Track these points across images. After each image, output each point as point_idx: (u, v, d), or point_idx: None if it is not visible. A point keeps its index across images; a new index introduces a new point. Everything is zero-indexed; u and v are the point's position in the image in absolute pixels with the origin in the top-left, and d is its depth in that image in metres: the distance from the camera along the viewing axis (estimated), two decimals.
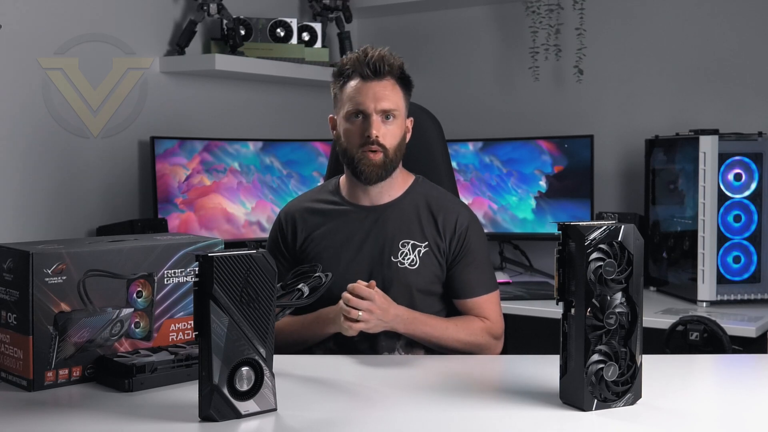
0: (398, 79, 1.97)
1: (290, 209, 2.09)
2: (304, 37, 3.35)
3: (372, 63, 1.93)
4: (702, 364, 1.85)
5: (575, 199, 3.18)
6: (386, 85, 1.94)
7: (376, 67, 1.93)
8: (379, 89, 1.93)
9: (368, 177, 1.95)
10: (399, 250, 1.97)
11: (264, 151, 3.19)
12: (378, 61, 1.93)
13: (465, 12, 3.61)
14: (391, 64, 1.95)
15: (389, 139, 1.94)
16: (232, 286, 1.31)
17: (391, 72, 1.95)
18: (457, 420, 1.34)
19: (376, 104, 1.92)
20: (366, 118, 1.93)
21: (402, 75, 1.98)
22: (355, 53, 1.97)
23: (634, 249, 1.36)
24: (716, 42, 3.11)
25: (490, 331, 1.96)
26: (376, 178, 1.96)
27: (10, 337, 1.50)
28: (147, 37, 3.00)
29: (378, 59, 1.93)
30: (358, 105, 1.93)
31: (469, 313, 1.98)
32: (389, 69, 1.95)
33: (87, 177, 2.84)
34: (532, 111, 3.47)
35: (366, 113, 1.93)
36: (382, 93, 1.93)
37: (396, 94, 1.96)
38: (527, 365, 1.67)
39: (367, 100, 1.93)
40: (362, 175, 1.96)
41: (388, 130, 1.94)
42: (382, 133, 1.93)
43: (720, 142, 2.67)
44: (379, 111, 1.93)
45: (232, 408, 1.31)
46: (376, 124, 1.92)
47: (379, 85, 1.94)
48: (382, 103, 1.93)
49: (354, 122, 1.95)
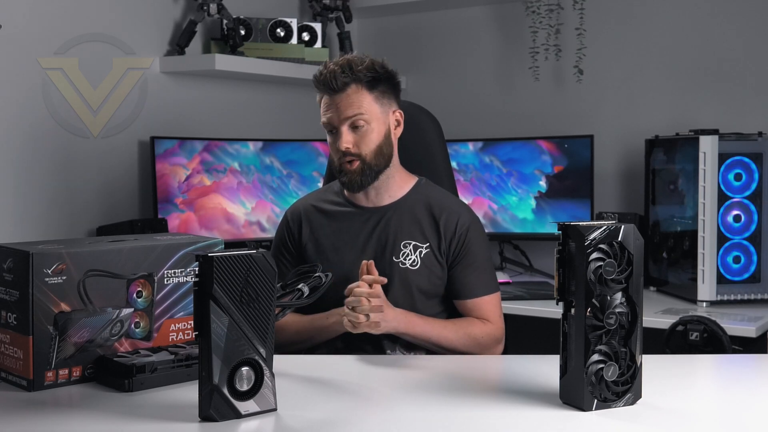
0: (366, 82, 1.94)
1: (297, 207, 2.10)
2: (304, 37, 3.35)
3: (326, 80, 1.93)
4: (702, 364, 1.85)
5: (575, 199, 3.18)
6: (348, 95, 1.93)
7: (330, 83, 1.92)
8: (341, 100, 1.93)
9: (350, 185, 1.97)
10: (401, 251, 1.97)
11: (264, 151, 3.19)
12: (332, 77, 1.92)
13: (465, 12, 3.61)
14: (351, 71, 1.92)
15: (363, 146, 1.94)
16: (232, 286, 1.31)
17: (353, 79, 1.92)
18: (457, 420, 1.34)
19: (339, 116, 1.93)
20: (336, 132, 1.95)
21: (372, 76, 1.94)
22: (322, 67, 1.96)
23: (634, 249, 1.36)
24: (716, 42, 3.11)
25: (490, 333, 1.95)
26: (358, 185, 1.96)
27: (10, 337, 1.50)
28: (147, 37, 3.00)
29: (331, 74, 1.92)
30: (327, 121, 1.95)
31: (469, 314, 1.98)
32: (349, 77, 1.92)
33: (87, 177, 2.84)
34: (532, 111, 3.47)
35: (335, 127, 1.94)
36: (345, 103, 1.92)
37: (361, 99, 1.93)
38: (527, 365, 1.67)
39: (332, 114, 1.94)
40: (345, 185, 1.99)
41: (360, 138, 1.94)
42: (353, 142, 1.93)
43: (720, 142, 2.67)
44: (344, 121, 1.93)
45: (232, 408, 1.31)
46: (345, 137, 1.93)
47: (341, 97, 1.93)
48: (345, 112, 1.92)
49: (330, 137, 1.98)
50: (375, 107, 1.95)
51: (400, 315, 1.86)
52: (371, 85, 1.95)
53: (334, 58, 2.01)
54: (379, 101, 1.96)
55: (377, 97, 1.96)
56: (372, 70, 1.94)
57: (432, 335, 1.89)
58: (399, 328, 1.85)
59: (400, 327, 1.85)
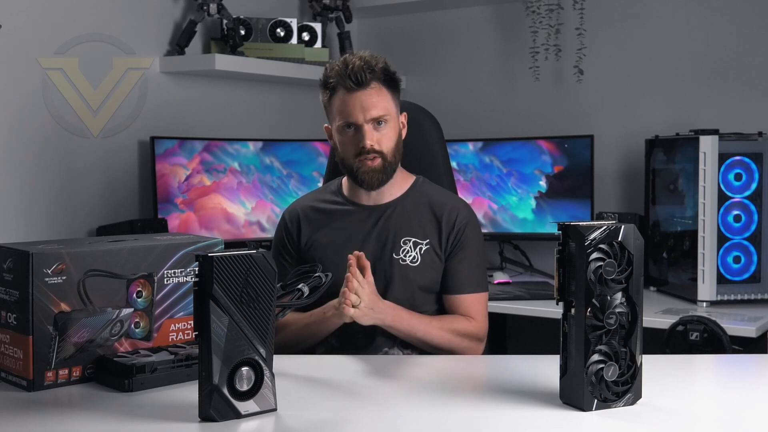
0: (383, 81, 1.95)
1: (294, 208, 2.10)
2: (304, 37, 3.35)
3: (353, 74, 1.92)
4: (702, 364, 1.85)
5: (575, 199, 3.18)
6: (372, 92, 1.93)
7: (358, 77, 1.92)
8: (366, 98, 1.92)
9: (370, 183, 1.97)
10: (401, 248, 1.97)
11: (264, 151, 3.19)
12: (359, 72, 1.91)
13: (465, 12, 3.61)
14: (372, 69, 1.93)
15: (385, 143, 1.95)
16: (232, 286, 1.31)
17: (374, 76, 1.93)
18: (457, 420, 1.34)
19: (365, 114, 1.92)
20: (358, 129, 1.94)
21: (387, 75, 1.96)
22: (337, 64, 1.96)
23: (634, 249, 1.36)
24: (716, 42, 3.11)
25: (473, 331, 1.95)
26: (377, 183, 1.97)
27: (10, 337, 1.50)
28: (147, 37, 3.00)
29: (359, 69, 1.91)
30: (348, 117, 1.94)
31: (455, 309, 1.98)
32: (372, 75, 1.93)
33: (87, 177, 2.84)
34: (532, 111, 3.47)
35: (357, 125, 1.94)
36: (369, 101, 1.92)
37: (383, 97, 1.94)
38: (527, 365, 1.67)
39: (355, 111, 1.93)
40: (363, 183, 1.97)
41: (383, 135, 1.94)
42: (377, 139, 1.94)
43: (720, 142, 2.67)
44: (369, 120, 1.93)
45: (232, 408, 1.31)
46: (369, 134, 1.93)
47: (365, 94, 1.93)
48: (371, 112, 1.92)
49: (347, 134, 1.96)
50: (393, 106, 1.97)
51: (389, 308, 1.85)
52: (388, 84, 1.96)
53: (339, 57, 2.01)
54: (394, 101, 1.99)
55: (393, 98, 1.98)
56: (387, 70, 1.97)
57: (418, 330, 1.89)
58: (386, 320, 1.84)
59: (387, 320, 1.84)
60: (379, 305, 1.82)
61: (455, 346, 1.92)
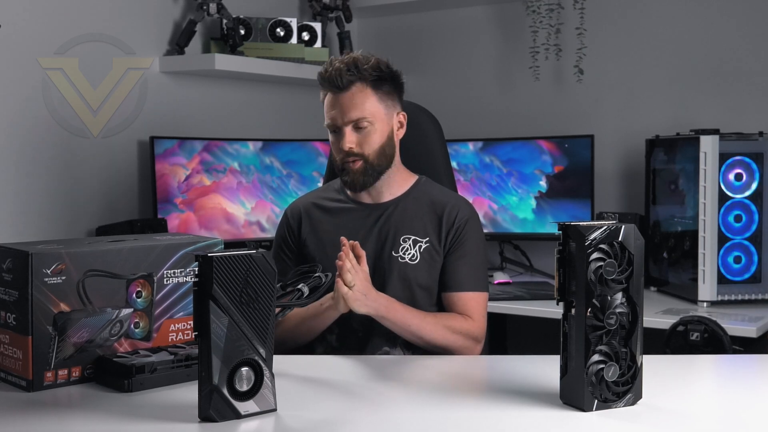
0: (372, 81, 1.93)
1: (297, 205, 2.11)
2: (304, 36, 3.35)
3: (330, 77, 1.92)
4: (702, 365, 1.85)
5: (575, 199, 3.18)
6: (353, 94, 1.92)
7: (335, 81, 1.91)
8: (346, 100, 1.92)
9: (353, 185, 1.98)
10: (400, 245, 1.97)
11: (264, 151, 3.19)
12: (336, 74, 1.91)
13: (465, 12, 3.61)
14: (357, 69, 1.91)
15: (366, 146, 1.94)
16: (232, 287, 1.31)
17: (359, 77, 1.92)
18: (457, 420, 1.34)
19: (343, 117, 1.92)
20: (339, 132, 1.94)
21: (378, 75, 1.94)
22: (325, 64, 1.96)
23: (635, 249, 1.36)
24: (716, 42, 3.11)
25: (470, 331, 1.92)
26: (360, 185, 1.97)
27: (10, 338, 1.50)
28: (147, 37, 3.00)
29: (336, 72, 1.91)
30: (330, 119, 1.95)
31: (453, 307, 1.96)
32: (354, 76, 1.91)
33: (87, 177, 2.84)
34: (532, 111, 3.47)
35: (338, 126, 1.94)
36: (349, 104, 1.92)
37: (366, 99, 1.93)
38: (527, 365, 1.66)
39: (335, 113, 1.93)
40: (347, 184, 1.99)
41: (364, 138, 1.94)
42: (357, 142, 1.93)
43: (720, 142, 2.67)
44: (348, 123, 1.93)
45: (232, 408, 1.31)
46: (348, 137, 1.93)
47: (346, 96, 1.92)
48: (349, 114, 1.92)
49: (333, 135, 1.98)
50: (379, 107, 1.95)
51: (383, 299, 1.84)
52: (376, 84, 1.94)
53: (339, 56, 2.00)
54: (383, 102, 1.96)
55: (381, 98, 1.96)
56: (377, 69, 1.94)
57: (412, 324, 1.86)
58: (380, 310, 1.82)
59: (380, 310, 1.82)
60: (372, 293, 1.81)
61: (450, 343, 1.89)
